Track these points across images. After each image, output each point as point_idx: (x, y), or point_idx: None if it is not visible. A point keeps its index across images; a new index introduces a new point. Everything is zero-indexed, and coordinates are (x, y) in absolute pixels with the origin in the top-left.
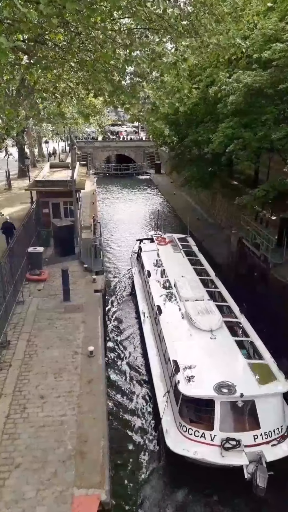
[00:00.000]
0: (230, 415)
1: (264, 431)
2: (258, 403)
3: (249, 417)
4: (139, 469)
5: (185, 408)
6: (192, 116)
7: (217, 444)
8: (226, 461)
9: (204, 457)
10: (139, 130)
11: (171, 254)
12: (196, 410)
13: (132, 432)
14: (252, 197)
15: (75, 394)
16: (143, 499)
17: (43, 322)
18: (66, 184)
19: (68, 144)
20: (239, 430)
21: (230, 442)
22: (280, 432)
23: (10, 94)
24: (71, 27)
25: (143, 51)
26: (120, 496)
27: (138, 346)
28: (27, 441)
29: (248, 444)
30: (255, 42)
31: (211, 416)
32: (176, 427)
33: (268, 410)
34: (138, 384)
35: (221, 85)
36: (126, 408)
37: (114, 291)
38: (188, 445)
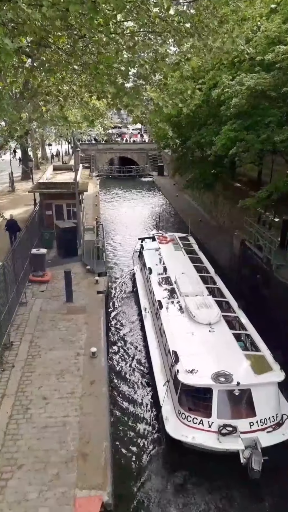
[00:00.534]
0: (227, 403)
1: (259, 419)
2: (254, 392)
3: (246, 405)
4: (141, 454)
5: (184, 396)
6: (195, 118)
7: (214, 430)
8: (223, 446)
9: (202, 442)
10: (142, 132)
11: (172, 252)
12: (195, 398)
13: (133, 419)
14: (255, 199)
15: (77, 395)
16: (144, 482)
17: (46, 323)
18: (69, 186)
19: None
20: (236, 417)
21: (227, 428)
22: (275, 420)
23: (14, 97)
24: (74, 30)
25: (146, 52)
26: (121, 478)
27: (139, 341)
28: (29, 442)
29: (244, 430)
30: (258, 45)
31: (209, 404)
32: (176, 414)
33: (263, 399)
34: (139, 375)
35: (224, 88)
36: (128, 397)
37: (117, 291)
38: (187, 431)
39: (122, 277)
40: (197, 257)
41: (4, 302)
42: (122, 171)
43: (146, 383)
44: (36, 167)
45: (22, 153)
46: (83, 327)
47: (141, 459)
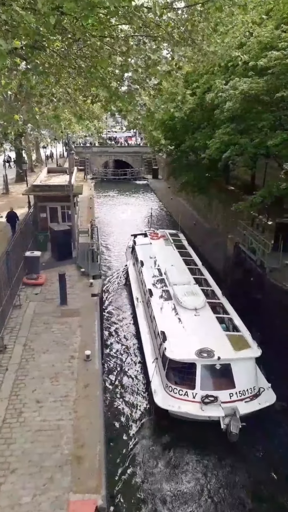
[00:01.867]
0: (209, 376)
1: (238, 390)
2: (234, 366)
3: (226, 378)
4: (132, 423)
5: (171, 371)
6: (189, 122)
7: (198, 400)
8: (205, 413)
9: (187, 411)
10: (136, 136)
11: (163, 247)
12: (180, 373)
13: (125, 393)
14: (249, 203)
15: (71, 398)
16: (135, 445)
17: (40, 326)
18: (64, 189)
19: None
20: (217, 389)
21: (209, 398)
22: (252, 392)
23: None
24: (69, 34)
25: (140, 58)
26: (115, 443)
27: (133, 338)
28: (23, 446)
29: (224, 400)
30: (251, 50)
31: (193, 377)
32: (163, 388)
33: (242, 372)
34: (132, 354)
35: (218, 92)
36: (120, 376)
37: (110, 292)
38: (173, 402)
39: (116, 279)
40: (186, 252)
41: None
42: (117, 174)
43: (139, 365)
44: (30, 170)
45: (16, 156)
46: (77, 330)
47: (133, 426)
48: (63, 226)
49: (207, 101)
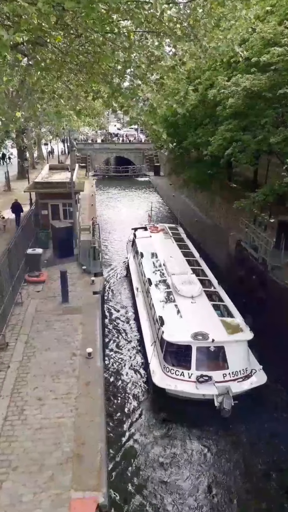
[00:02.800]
0: (204, 358)
1: (231, 371)
2: (227, 348)
3: (220, 360)
4: (132, 401)
5: (168, 354)
6: (191, 118)
7: (193, 380)
8: (199, 391)
9: (183, 389)
10: (138, 133)
11: (162, 239)
12: (177, 354)
13: (126, 375)
14: (251, 201)
15: (73, 396)
16: (134, 421)
17: (42, 323)
18: (65, 186)
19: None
20: (211, 369)
21: (203, 377)
22: (244, 373)
23: (10, 95)
24: (71, 29)
25: (142, 54)
26: (115, 418)
27: (133, 326)
28: (24, 444)
29: (218, 380)
30: (254, 46)
31: (188, 358)
32: (161, 369)
33: (235, 354)
34: (130, 339)
35: (220, 88)
36: (121, 357)
37: (112, 289)
38: (170, 381)
39: (117, 272)
40: (185, 244)
41: (0, 302)
42: (119, 171)
43: (138, 349)
44: (32, 167)
45: (18, 152)
46: (79, 328)
47: (133, 404)
48: (64, 223)
49: (210, 97)
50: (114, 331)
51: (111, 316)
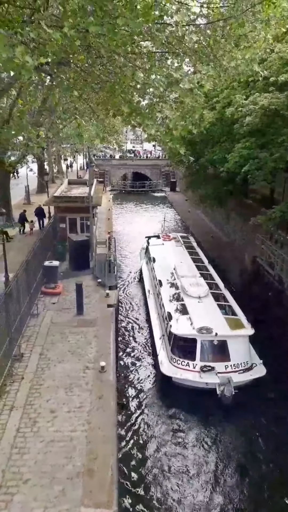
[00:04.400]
0: (208, 350)
1: (233, 363)
2: (229, 342)
3: (222, 352)
4: (142, 390)
5: (175, 346)
6: (209, 136)
7: (197, 370)
8: (203, 380)
9: (187, 377)
10: (155, 149)
11: (174, 247)
12: (183, 347)
13: (137, 365)
14: (268, 217)
15: (85, 409)
16: (144, 408)
17: (56, 335)
18: (84, 200)
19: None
20: (214, 361)
21: (207, 367)
22: (245, 365)
23: (33, 115)
24: (93, 51)
25: (162, 75)
26: (126, 383)
27: (146, 334)
28: (36, 456)
29: (220, 371)
30: (272, 65)
31: (194, 350)
32: (169, 360)
33: (237, 348)
34: (141, 334)
35: (238, 107)
36: (132, 349)
37: (126, 302)
38: (176, 371)
39: (131, 289)
40: (195, 251)
41: (16, 313)
42: (135, 186)
43: (148, 344)
44: (51, 181)
45: (39, 167)
46: (93, 340)
47: (143, 390)
48: (81, 236)
49: (227, 115)
50: (128, 343)
51: (125, 328)
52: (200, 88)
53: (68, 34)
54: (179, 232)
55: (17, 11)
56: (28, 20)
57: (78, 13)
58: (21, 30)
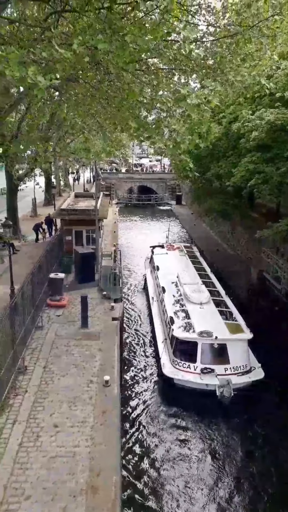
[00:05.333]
0: (208, 353)
1: (232, 366)
2: (229, 346)
3: (222, 355)
4: (144, 389)
5: (177, 350)
6: (215, 150)
7: (198, 372)
8: (203, 381)
9: (189, 379)
10: (161, 163)
11: (177, 256)
12: (185, 349)
13: (140, 366)
14: (274, 231)
15: (89, 424)
16: (146, 407)
17: (61, 348)
18: (90, 213)
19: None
20: (214, 363)
21: (207, 369)
22: (244, 368)
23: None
24: (102, 66)
25: (169, 91)
26: (130, 397)
27: (151, 350)
28: (38, 472)
29: (220, 373)
30: (278, 81)
31: (195, 353)
32: (171, 362)
33: (236, 351)
34: (145, 346)
35: (244, 122)
36: (136, 361)
37: (131, 313)
38: (177, 372)
39: (136, 300)
40: (197, 260)
41: (21, 325)
42: (141, 199)
43: (151, 351)
44: (58, 194)
45: (46, 180)
46: (97, 354)
47: (145, 392)
48: (87, 249)
49: (233, 130)
50: (132, 356)
51: (129, 340)
52: (207, 103)
53: (77, 51)
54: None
55: (28, 29)
56: (38, 38)
57: (88, 31)
58: (33, 49)
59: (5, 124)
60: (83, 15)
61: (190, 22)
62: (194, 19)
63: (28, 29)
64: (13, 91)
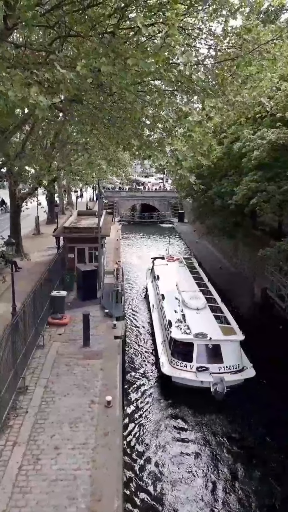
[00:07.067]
0: (203, 353)
1: (225, 365)
2: (222, 346)
3: (216, 355)
4: (145, 387)
5: (175, 350)
6: (216, 169)
7: (193, 370)
8: (198, 379)
9: (185, 376)
10: (164, 182)
11: (177, 266)
12: (182, 350)
13: (140, 367)
14: (276, 250)
15: (90, 446)
16: (145, 396)
17: (62, 367)
18: (92, 231)
19: (96, 193)
20: (209, 362)
21: (202, 367)
22: (237, 368)
23: (45, 147)
24: (105, 87)
25: (171, 110)
26: (132, 418)
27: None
28: (38, 496)
29: (214, 371)
30: (279, 102)
31: (191, 353)
32: (169, 362)
33: (229, 352)
34: (147, 361)
35: (246, 141)
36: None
37: (132, 331)
38: (175, 371)
39: (138, 319)
40: (196, 271)
41: (22, 344)
42: (144, 217)
43: (152, 354)
44: (61, 212)
45: (48, 201)
46: (99, 373)
47: (146, 388)
48: (89, 266)
49: (235, 150)
50: (134, 376)
51: (132, 359)
52: (209, 120)
53: (81, 72)
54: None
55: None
56: (43, 61)
57: (92, 54)
58: (37, 71)
59: (10, 144)
60: (87, 39)
61: (192, 46)
62: (195, 42)
63: (33, 53)
64: (17, 111)
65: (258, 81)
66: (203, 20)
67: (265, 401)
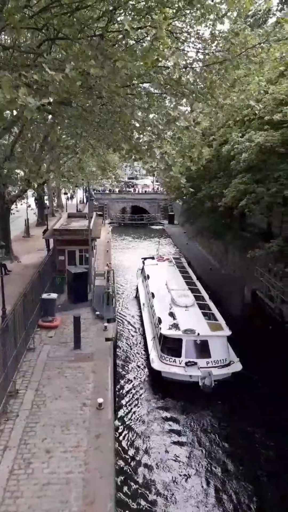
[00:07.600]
0: (192, 348)
1: (213, 360)
2: (210, 342)
3: (204, 350)
4: (136, 382)
5: (164, 345)
6: (206, 172)
7: (182, 365)
8: (187, 373)
9: (174, 371)
10: (154, 184)
11: (166, 266)
12: (171, 346)
13: (132, 367)
14: (265, 251)
15: (82, 449)
16: (137, 398)
17: (53, 370)
18: (83, 233)
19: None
20: (197, 357)
21: (190, 362)
22: (224, 362)
23: (34, 150)
24: (94, 91)
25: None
26: (120, 392)
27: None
28: (29, 501)
29: (202, 366)
30: (267, 105)
31: (179, 349)
32: (158, 357)
33: (216, 347)
34: (138, 363)
35: (234, 144)
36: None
37: (123, 331)
38: (165, 366)
39: (130, 321)
40: (185, 270)
41: (12, 347)
42: (134, 219)
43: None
44: (51, 214)
45: (38, 201)
46: (90, 376)
47: (137, 387)
48: (80, 268)
49: (224, 153)
50: (126, 376)
51: (123, 360)
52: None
53: (70, 75)
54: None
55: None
56: (32, 63)
57: (80, 57)
58: (26, 73)
59: None
60: (75, 42)
61: (180, 49)
62: (183, 46)
63: (22, 55)
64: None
65: (246, 84)
66: (191, 24)
67: (252, 394)
